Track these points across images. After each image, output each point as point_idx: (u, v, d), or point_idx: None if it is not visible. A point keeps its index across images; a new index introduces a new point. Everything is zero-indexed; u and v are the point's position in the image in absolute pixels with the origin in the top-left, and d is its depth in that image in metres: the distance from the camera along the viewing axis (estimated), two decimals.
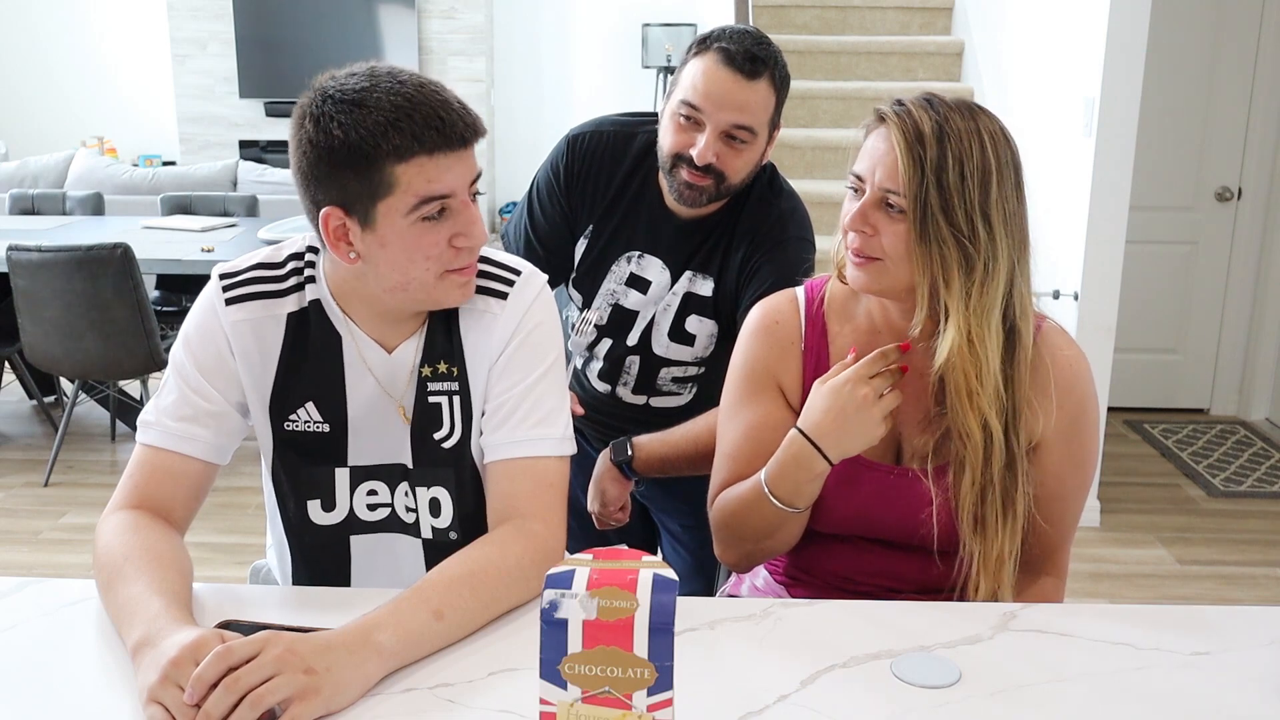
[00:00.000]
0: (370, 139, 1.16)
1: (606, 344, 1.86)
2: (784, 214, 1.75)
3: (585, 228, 1.83)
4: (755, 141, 1.66)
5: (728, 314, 1.77)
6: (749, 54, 1.61)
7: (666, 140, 1.68)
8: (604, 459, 1.81)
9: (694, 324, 1.78)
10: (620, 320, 1.83)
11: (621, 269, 1.81)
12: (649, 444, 1.77)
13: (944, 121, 1.26)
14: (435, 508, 1.36)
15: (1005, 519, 1.31)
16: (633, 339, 1.83)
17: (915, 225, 1.26)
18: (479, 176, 1.25)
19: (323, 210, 1.21)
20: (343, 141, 1.17)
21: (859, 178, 1.31)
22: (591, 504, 1.84)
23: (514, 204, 8.44)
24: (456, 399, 1.33)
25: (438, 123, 1.18)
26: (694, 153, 1.64)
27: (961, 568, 1.33)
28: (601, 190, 1.80)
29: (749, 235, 1.74)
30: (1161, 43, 3.95)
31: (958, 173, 1.25)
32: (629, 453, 1.77)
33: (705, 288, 1.77)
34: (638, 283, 1.80)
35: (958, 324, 1.27)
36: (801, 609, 1.25)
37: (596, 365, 1.88)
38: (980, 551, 1.31)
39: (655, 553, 2.06)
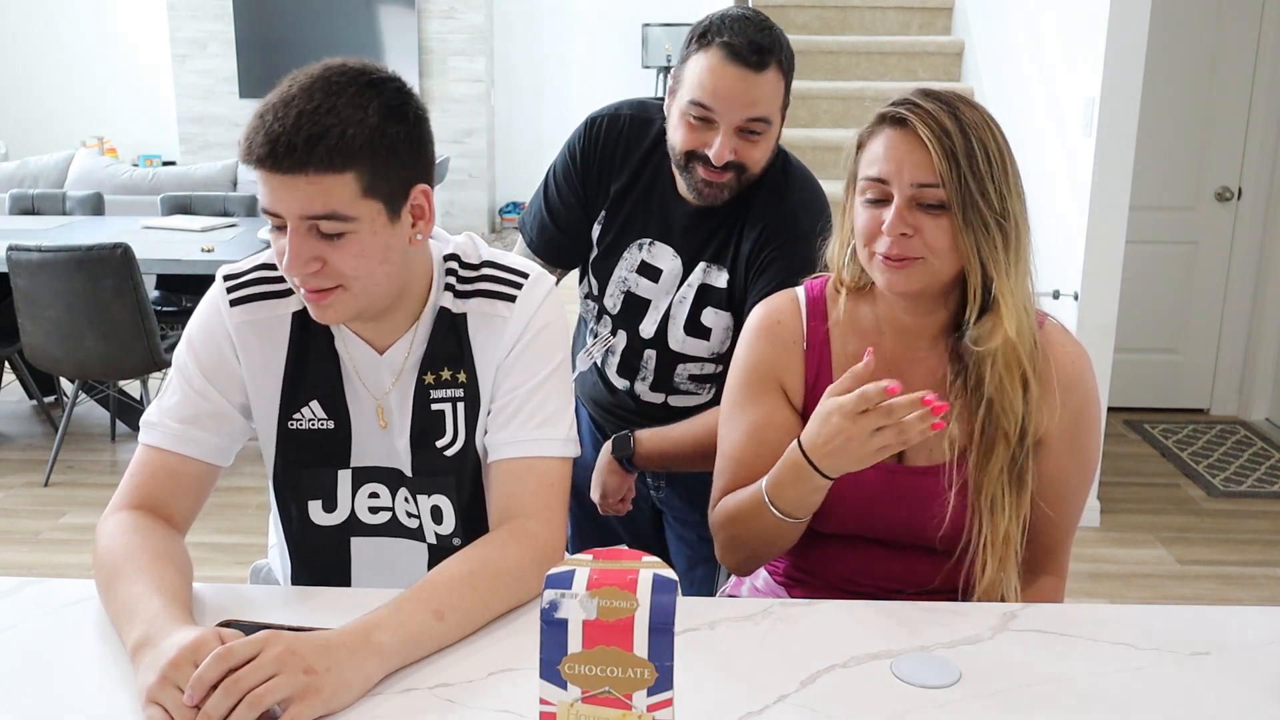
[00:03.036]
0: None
1: (623, 336, 1.84)
2: (796, 207, 1.70)
3: (599, 211, 1.82)
4: (771, 130, 1.63)
5: (741, 307, 1.73)
6: (754, 45, 1.57)
7: (678, 138, 1.65)
8: (605, 452, 1.81)
9: (709, 317, 1.76)
10: (633, 308, 1.81)
11: (633, 256, 1.79)
12: (649, 440, 1.77)
13: (956, 111, 1.28)
14: (437, 515, 1.36)
15: (1014, 496, 1.32)
16: (647, 330, 1.80)
17: (959, 215, 1.26)
18: (331, 217, 1.16)
19: None
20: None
21: (880, 181, 1.29)
22: (593, 493, 1.85)
23: (515, 204, 8.45)
24: (461, 405, 1.33)
25: (271, 139, 1.13)
26: (710, 153, 1.60)
27: (963, 560, 1.34)
28: (615, 173, 1.79)
29: (759, 226, 1.70)
30: (1161, 43, 3.94)
31: (984, 156, 1.27)
32: (630, 448, 1.77)
33: (720, 279, 1.74)
34: (649, 270, 1.78)
35: (1010, 304, 1.29)
36: (801, 609, 1.25)
37: (615, 360, 1.86)
38: (989, 532, 1.31)
39: (666, 555, 2.06)
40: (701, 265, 1.75)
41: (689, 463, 1.74)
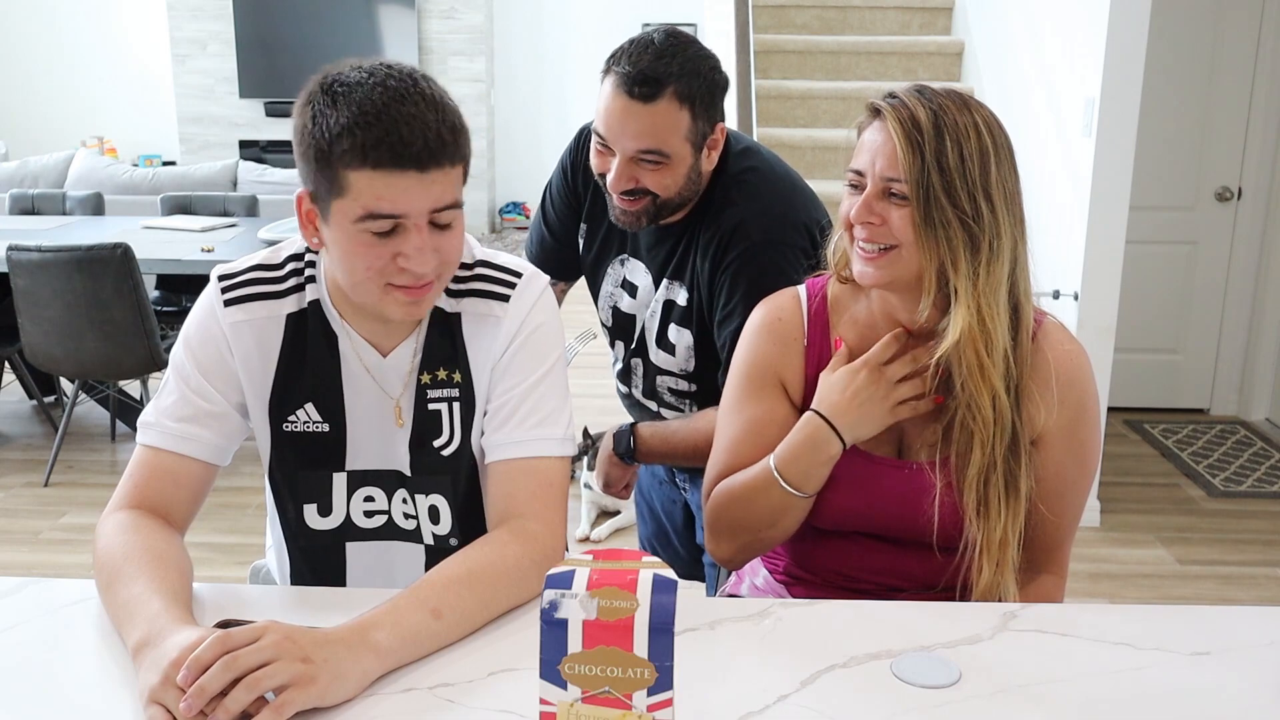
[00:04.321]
0: (328, 137, 1.15)
1: (620, 346, 1.87)
2: (747, 217, 1.63)
3: (582, 225, 1.84)
4: (670, 163, 1.57)
5: (703, 326, 1.71)
6: (642, 76, 1.51)
7: (592, 162, 1.65)
8: (606, 445, 1.82)
9: (673, 333, 1.75)
10: (622, 323, 1.84)
11: (616, 272, 1.81)
12: (651, 437, 1.78)
13: (939, 109, 1.28)
14: (434, 515, 1.36)
15: (1008, 500, 1.32)
16: (633, 342, 1.83)
17: (919, 209, 1.27)
18: (453, 206, 1.19)
19: (299, 191, 1.23)
20: (310, 132, 1.16)
21: (858, 173, 1.32)
22: (596, 482, 1.89)
23: (515, 204, 8.45)
24: (457, 405, 1.33)
25: (394, 139, 1.13)
26: (608, 180, 1.59)
27: (964, 558, 1.34)
28: (595, 187, 1.78)
29: (712, 244, 1.65)
30: (1161, 43, 3.94)
31: (957, 155, 1.26)
32: (630, 444, 1.79)
33: (681, 297, 1.72)
34: (629, 287, 1.80)
35: (968, 304, 1.28)
36: (801, 609, 1.25)
37: (618, 366, 1.91)
38: (983, 535, 1.31)
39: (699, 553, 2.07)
40: (665, 282, 1.75)
41: (688, 460, 1.75)
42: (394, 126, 1.13)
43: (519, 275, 1.35)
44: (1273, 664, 1.14)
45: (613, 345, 1.90)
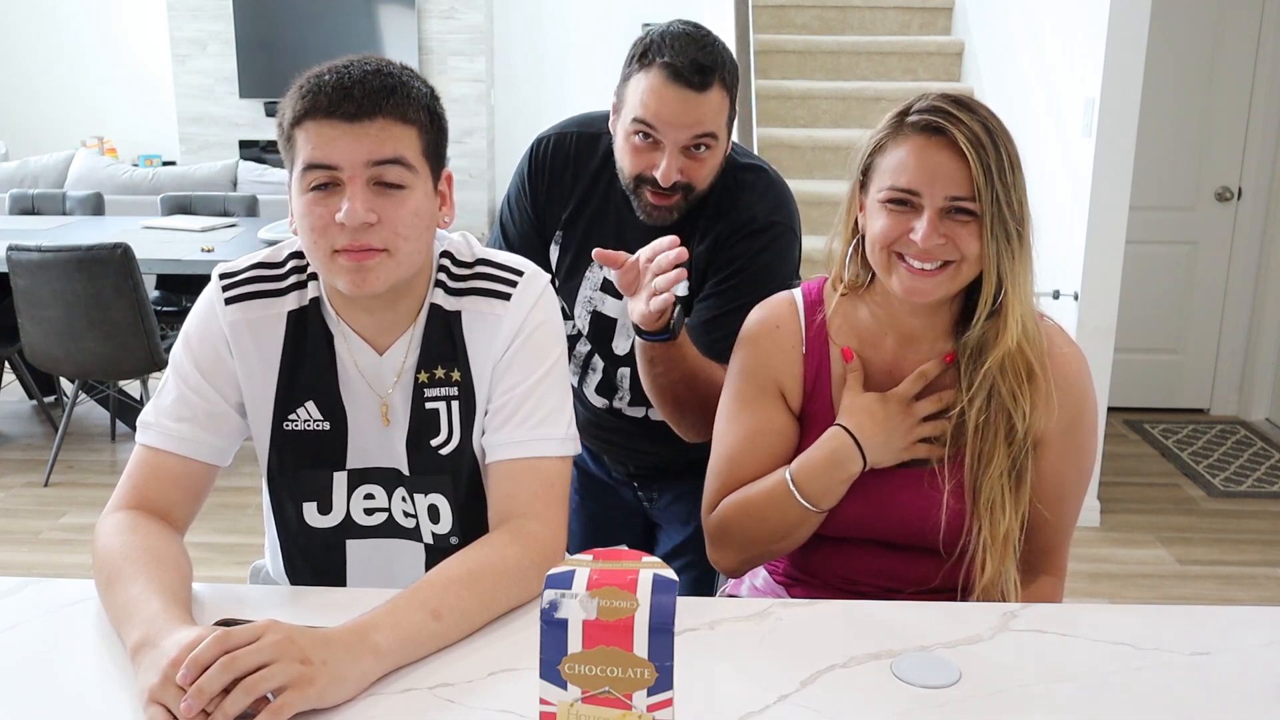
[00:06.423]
0: (286, 102, 1.22)
1: (596, 357, 1.80)
2: (750, 202, 1.67)
3: (554, 233, 1.78)
4: (718, 145, 1.60)
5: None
6: (696, 65, 1.53)
7: (625, 162, 1.62)
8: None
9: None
10: (602, 328, 1.77)
11: (595, 275, 1.75)
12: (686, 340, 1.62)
13: (986, 120, 1.29)
14: (434, 514, 1.35)
15: (1014, 492, 1.33)
16: (621, 348, 1.77)
17: (988, 226, 1.27)
18: (396, 162, 1.20)
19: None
20: (279, 115, 1.23)
21: (911, 192, 1.28)
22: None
23: None
24: (456, 404, 1.32)
25: (326, 91, 1.19)
26: (658, 174, 1.57)
27: (965, 557, 1.34)
28: (566, 194, 1.75)
29: (713, 230, 1.66)
30: (1161, 43, 3.94)
31: (1009, 166, 1.28)
32: (680, 319, 1.60)
33: (681, 288, 1.68)
34: (611, 288, 1.74)
35: (1021, 306, 1.30)
36: (801, 609, 1.25)
37: (594, 378, 1.83)
38: (988, 530, 1.32)
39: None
40: None
41: (685, 382, 1.61)
42: (326, 82, 1.20)
43: (520, 274, 1.34)
44: (1273, 664, 1.14)
45: (590, 355, 1.81)
